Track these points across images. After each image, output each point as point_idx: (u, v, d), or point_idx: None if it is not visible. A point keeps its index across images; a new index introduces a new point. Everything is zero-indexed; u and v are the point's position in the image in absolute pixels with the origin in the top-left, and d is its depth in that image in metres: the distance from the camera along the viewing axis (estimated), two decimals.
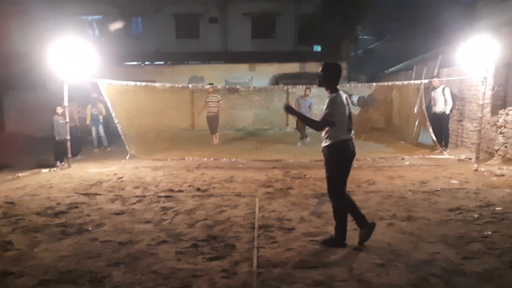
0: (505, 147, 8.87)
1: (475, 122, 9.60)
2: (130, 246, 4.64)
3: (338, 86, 4.60)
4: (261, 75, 19.40)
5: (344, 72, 19.34)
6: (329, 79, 4.58)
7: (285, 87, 16.91)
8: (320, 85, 4.67)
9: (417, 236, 4.79)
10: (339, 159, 4.61)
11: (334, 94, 4.52)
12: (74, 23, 22.37)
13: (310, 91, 13.30)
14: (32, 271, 4.04)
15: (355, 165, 9.17)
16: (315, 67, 19.36)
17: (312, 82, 16.88)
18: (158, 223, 5.47)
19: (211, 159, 10.17)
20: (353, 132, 4.77)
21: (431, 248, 4.41)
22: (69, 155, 9.72)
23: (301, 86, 14.52)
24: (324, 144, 4.62)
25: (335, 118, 4.43)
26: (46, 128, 11.02)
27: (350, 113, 4.67)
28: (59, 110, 10.03)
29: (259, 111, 17.86)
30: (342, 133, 4.56)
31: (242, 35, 23.58)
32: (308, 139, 13.22)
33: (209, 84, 13.13)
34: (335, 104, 4.45)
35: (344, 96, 4.60)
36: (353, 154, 4.75)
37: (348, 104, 4.63)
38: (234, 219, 5.56)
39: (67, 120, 9.69)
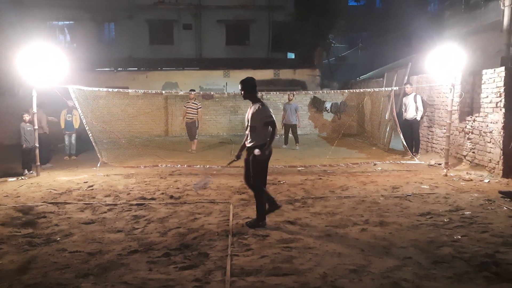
0: (473, 152, 9.10)
1: (444, 128, 9.82)
2: (100, 257, 4.53)
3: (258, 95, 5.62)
4: (235, 81, 19.20)
5: (317, 79, 19.59)
6: (251, 92, 5.64)
7: (259, 94, 16.92)
8: (245, 98, 5.68)
9: (389, 241, 4.84)
10: (266, 156, 5.39)
11: (259, 103, 5.52)
12: (44, 29, 21.99)
13: (293, 96, 13.47)
14: None
15: (328, 171, 9.31)
16: (289, 74, 19.59)
17: (286, 88, 17.07)
18: (130, 232, 5.36)
19: (185, 165, 10.07)
20: None
21: (402, 253, 4.46)
22: (38, 163, 9.44)
23: (275, 92, 14.61)
24: (254, 144, 5.44)
25: (273, 117, 5.41)
26: (14, 135, 10.70)
27: None
28: (26, 117, 9.76)
29: (233, 117, 17.85)
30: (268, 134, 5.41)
31: (216, 41, 23.62)
32: (286, 146, 13.31)
33: (191, 90, 13.04)
34: (267, 109, 5.47)
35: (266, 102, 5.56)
36: (270, 152, 5.56)
37: None
38: (208, 226, 5.51)
39: (36, 127, 9.43)
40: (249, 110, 5.59)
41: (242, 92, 5.66)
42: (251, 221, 5.52)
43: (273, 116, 5.42)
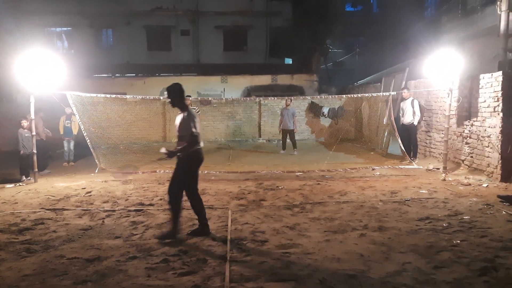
0: (471, 157, 9.11)
1: (442, 133, 9.84)
2: (98, 263, 4.50)
3: (185, 102, 5.44)
4: (233, 87, 19.45)
5: (315, 85, 19.63)
6: (178, 99, 5.38)
7: (257, 99, 16.99)
8: (173, 106, 5.42)
9: (388, 246, 4.83)
10: (193, 165, 5.39)
11: (187, 111, 5.28)
12: (42, 35, 22.01)
13: (291, 101, 13.47)
14: None
15: (327, 176, 9.31)
16: (286, 80, 19.63)
17: (284, 93, 17.09)
18: (128, 238, 5.33)
19: None
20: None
21: (402, 258, 4.45)
22: (36, 170, 9.42)
23: (273, 98, 14.64)
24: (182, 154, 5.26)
25: (197, 129, 5.19)
26: (12, 141, 10.68)
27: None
28: (24, 123, 9.74)
29: (231, 123, 17.86)
30: (199, 142, 5.30)
31: (214, 47, 23.68)
32: (284, 151, 13.31)
33: (187, 96, 13.05)
34: (193, 118, 5.19)
35: (193, 111, 5.39)
36: (202, 159, 5.55)
37: (196, 115, 5.40)
38: None
39: (33, 133, 9.42)
40: (177, 118, 5.38)
41: (169, 100, 5.39)
42: (162, 233, 5.33)
43: (197, 127, 5.16)
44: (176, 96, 5.37)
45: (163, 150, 5.18)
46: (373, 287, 3.79)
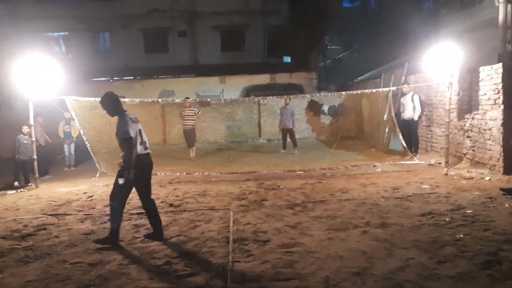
0: (473, 150, 9.09)
1: (443, 127, 9.81)
2: (101, 267, 4.49)
3: (123, 108, 5.26)
4: (232, 87, 19.43)
5: (314, 82, 19.60)
6: (113, 108, 5.23)
7: (256, 99, 16.96)
8: (112, 115, 5.30)
9: (391, 242, 4.81)
10: (139, 171, 5.15)
11: (121, 116, 5.15)
12: (39, 40, 22.00)
13: (290, 99, 13.40)
14: None
15: (328, 174, 9.28)
16: (285, 78, 19.60)
17: (283, 92, 17.06)
18: (130, 241, 5.33)
19: (184, 173, 10.04)
20: (147, 146, 5.38)
21: (405, 254, 4.43)
22: (37, 175, 9.41)
23: (272, 97, 14.61)
24: (122, 161, 5.11)
25: (130, 134, 4.99)
26: (11, 148, 10.68)
27: (140, 130, 5.28)
28: (25, 129, 9.74)
29: (230, 124, 17.81)
30: (137, 147, 5.12)
31: (212, 48, 23.65)
32: (284, 151, 13.30)
33: (186, 98, 13.07)
34: (126, 123, 5.04)
35: (131, 115, 5.24)
36: (149, 165, 5.44)
37: (136, 121, 5.26)
38: (208, 233, 5.47)
39: (33, 139, 9.41)
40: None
41: (107, 112, 5.32)
42: (101, 238, 5.26)
43: (129, 132, 4.99)
44: (110, 106, 5.25)
45: (120, 181, 5.12)
46: (377, 284, 3.77)
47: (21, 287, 4.10)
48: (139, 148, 5.19)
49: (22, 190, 9.17)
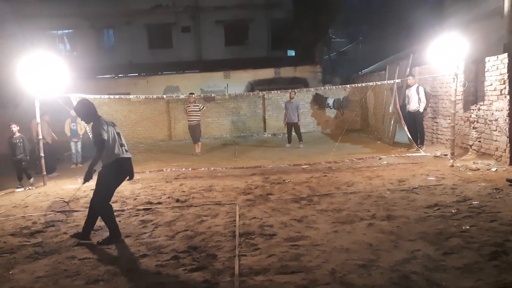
0: (479, 141, 9.05)
1: (449, 119, 9.77)
2: (109, 262, 4.54)
3: (98, 114, 5.31)
4: (236, 82, 19.40)
5: (319, 76, 19.54)
6: (88, 115, 5.28)
7: (261, 93, 16.95)
8: (88, 123, 5.38)
9: (397, 234, 4.82)
10: (110, 176, 5.23)
11: (96, 121, 5.19)
12: (44, 38, 22.08)
13: (295, 93, 13.38)
14: None
15: (333, 168, 9.28)
16: (289, 72, 19.53)
17: (287, 86, 17.01)
18: (138, 237, 5.37)
19: (190, 169, 10.08)
20: (126, 148, 5.39)
21: (411, 246, 4.44)
22: (44, 173, 9.49)
23: (276, 91, 14.58)
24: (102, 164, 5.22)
25: (103, 137, 5.03)
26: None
27: (118, 133, 5.33)
28: (14, 128, 9.71)
29: (235, 119, 17.81)
30: (114, 150, 5.16)
31: (216, 43, 23.60)
32: (289, 145, 13.31)
33: (190, 93, 13.09)
34: (99, 126, 5.09)
35: (106, 120, 5.32)
36: (128, 172, 5.41)
37: (113, 125, 5.32)
38: (215, 228, 5.51)
39: (40, 137, 9.48)
40: None
41: (81, 119, 5.43)
42: (104, 240, 5.21)
43: (102, 134, 5.03)
44: (84, 113, 5.28)
45: (79, 180, 5.11)
46: (383, 276, 3.79)
47: (31, 283, 4.15)
48: (120, 150, 5.24)
49: (30, 188, 9.25)
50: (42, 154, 9.45)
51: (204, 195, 7.48)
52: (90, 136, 10.22)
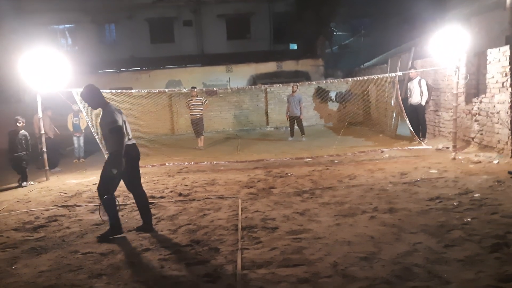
0: (481, 134, 9.03)
1: (451, 112, 9.75)
2: (112, 256, 4.57)
3: (106, 100, 5.21)
4: (238, 76, 19.39)
5: (321, 69, 19.50)
6: (96, 99, 5.16)
7: (263, 87, 16.94)
8: (95, 108, 5.32)
9: (399, 227, 4.83)
10: (128, 161, 5.14)
11: (105, 107, 5.10)
12: (45, 33, 22.11)
13: (297, 87, 13.37)
14: None
15: (336, 161, 9.28)
16: (292, 65, 19.51)
17: (290, 80, 17.00)
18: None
19: (192, 163, 10.10)
20: (130, 136, 5.32)
21: (413, 239, 4.45)
22: (47, 168, 9.52)
23: (279, 84, 14.57)
24: (109, 153, 5.16)
25: (119, 123, 4.95)
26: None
27: (124, 121, 5.21)
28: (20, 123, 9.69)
29: (238, 112, 17.82)
30: (123, 134, 5.04)
31: (218, 37, 23.57)
32: (292, 138, 13.31)
33: (192, 87, 13.09)
34: (111, 113, 4.99)
35: (114, 106, 5.19)
36: (136, 156, 5.42)
37: (121, 113, 5.19)
38: (218, 222, 5.53)
39: (43, 132, 9.50)
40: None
41: (88, 105, 5.32)
42: (103, 234, 5.17)
43: (118, 121, 4.94)
44: (92, 98, 5.16)
45: (114, 171, 4.98)
46: (385, 268, 3.80)
47: (34, 277, 4.18)
48: (126, 138, 5.18)
49: (32, 182, 9.28)
50: (44, 149, 9.47)
51: (206, 189, 7.50)
52: (92, 130, 10.34)
